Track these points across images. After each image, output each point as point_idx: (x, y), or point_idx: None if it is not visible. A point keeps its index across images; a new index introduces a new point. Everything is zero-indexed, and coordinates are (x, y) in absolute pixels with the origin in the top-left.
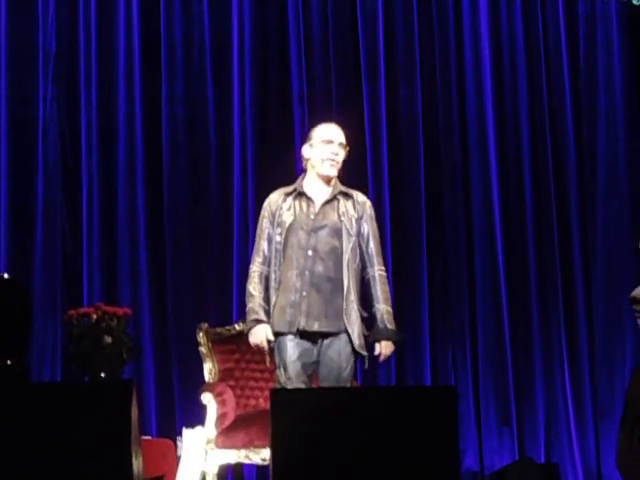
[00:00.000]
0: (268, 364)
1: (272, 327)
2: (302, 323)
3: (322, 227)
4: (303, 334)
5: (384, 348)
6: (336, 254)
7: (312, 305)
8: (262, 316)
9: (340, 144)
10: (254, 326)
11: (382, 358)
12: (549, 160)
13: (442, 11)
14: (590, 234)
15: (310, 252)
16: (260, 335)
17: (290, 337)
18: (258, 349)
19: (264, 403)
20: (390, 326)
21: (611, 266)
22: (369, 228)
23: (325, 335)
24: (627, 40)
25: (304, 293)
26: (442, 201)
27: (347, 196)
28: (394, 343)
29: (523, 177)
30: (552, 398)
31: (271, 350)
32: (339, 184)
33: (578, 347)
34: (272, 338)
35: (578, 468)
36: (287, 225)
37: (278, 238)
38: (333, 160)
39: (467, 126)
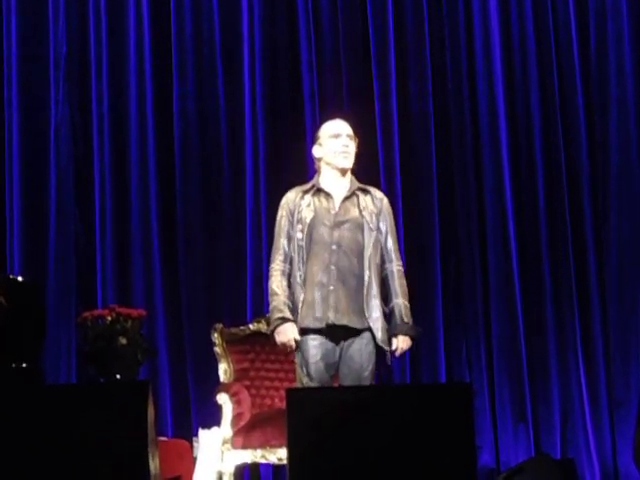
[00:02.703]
0: (297, 360)
1: (300, 324)
2: (331, 317)
3: (344, 222)
4: (328, 332)
5: (401, 342)
6: (359, 249)
7: (340, 299)
8: (288, 314)
9: (348, 135)
10: (280, 324)
11: (399, 352)
12: (561, 153)
13: (452, 5)
14: (603, 226)
15: (334, 247)
16: (288, 334)
17: (312, 337)
18: (284, 347)
19: (279, 402)
20: (407, 320)
21: (625, 256)
22: (387, 224)
23: (350, 332)
24: (638, 34)
25: (331, 287)
26: (454, 195)
27: (365, 192)
28: (411, 338)
29: (535, 171)
30: (567, 392)
31: (296, 349)
32: (355, 181)
33: (593, 340)
34: (299, 337)
35: (594, 462)
36: (308, 221)
37: (300, 235)
38: (345, 152)
39: (478, 121)
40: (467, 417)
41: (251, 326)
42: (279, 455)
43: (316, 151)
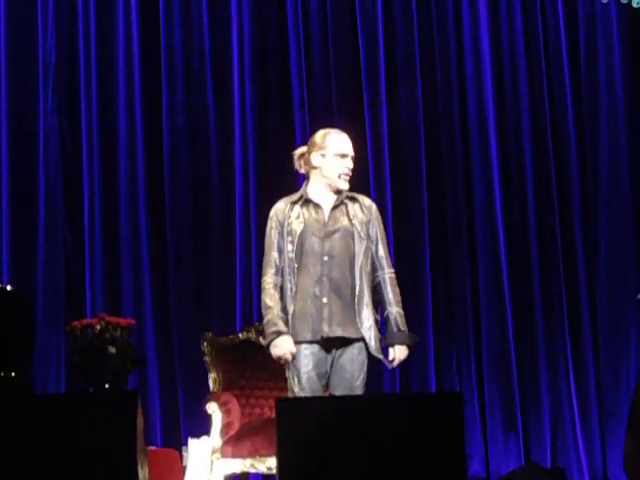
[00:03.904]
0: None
1: (293, 336)
2: (326, 330)
3: (334, 232)
4: (321, 342)
5: (399, 352)
6: (350, 259)
7: (334, 311)
8: (283, 327)
9: (352, 157)
10: (276, 338)
11: (396, 363)
12: (551, 163)
13: (442, 16)
14: (593, 236)
15: (326, 258)
16: (284, 347)
17: (304, 346)
18: (280, 361)
19: (269, 412)
20: (403, 329)
21: (614, 268)
22: (377, 231)
23: (342, 342)
24: (627, 42)
25: (324, 300)
26: (444, 206)
27: (353, 200)
28: (408, 347)
29: (525, 180)
30: (557, 402)
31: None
32: None
33: (583, 350)
34: (294, 350)
35: (584, 471)
36: (298, 233)
37: (290, 247)
38: (347, 175)
39: (468, 130)
40: (457, 426)
41: (241, 335)
42: (268, 464)
43: (315, 159)
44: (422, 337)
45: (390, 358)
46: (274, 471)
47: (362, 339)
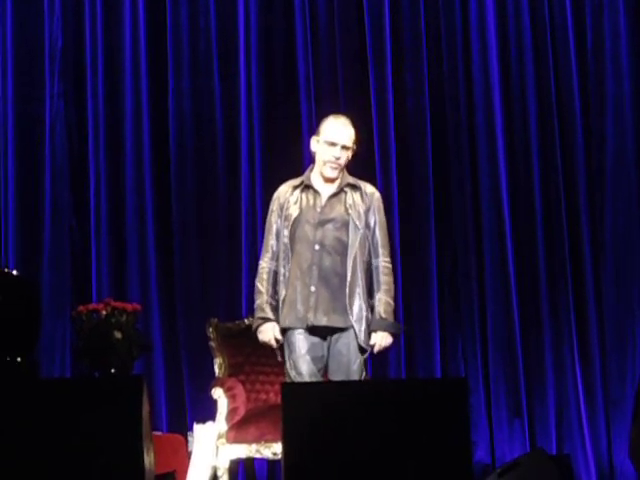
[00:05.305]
0: (279, 358)
1: (282, 322)
2: (311, 318)
3: (329, 220)
4: (312, 329)
5: (380, 339)
6: (343, 248)
7: (321, 300)
8: (269, 314)
9: (343, 147)
10: (261, 324)
11: (377, 349)
12: (557, 149)
13: (448, 0)
14: (599, 222)
15: (317, 246)
16: (268, 334)
17: (299, 331)
18: (266, 346)
19: (274, 397)
20: (386, 316)
21: (620, 255)
22: (376, 219)
23: (334, 330)
24: (635, 29)
25: (312, 288)
26: (450, 190)
27: (355, 188)
28: (392, 335)
29: (531, 166)
30: (563, 388)
31: (281, 346)
32: (347, 176)
33: (588, 336)
34: (280, 337)
35: (590, 458)
36: (293, 218)
37: (285, 232)
38: (333, 164)
39: (474, 114)
40: (462, 412)
41: (246, 321)
42: (274, 450)
43: (312, 144)
44: (427, 324)
45: (371, 343)
46: (279, 456)
47: (352, 327)
